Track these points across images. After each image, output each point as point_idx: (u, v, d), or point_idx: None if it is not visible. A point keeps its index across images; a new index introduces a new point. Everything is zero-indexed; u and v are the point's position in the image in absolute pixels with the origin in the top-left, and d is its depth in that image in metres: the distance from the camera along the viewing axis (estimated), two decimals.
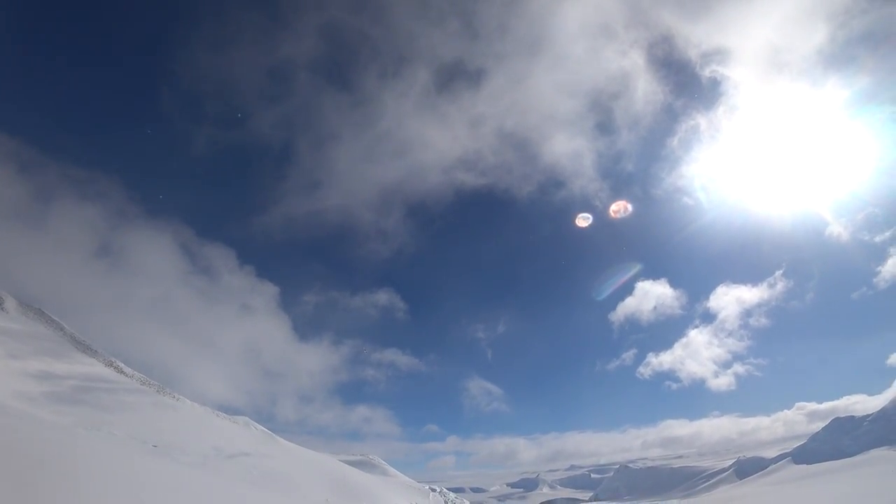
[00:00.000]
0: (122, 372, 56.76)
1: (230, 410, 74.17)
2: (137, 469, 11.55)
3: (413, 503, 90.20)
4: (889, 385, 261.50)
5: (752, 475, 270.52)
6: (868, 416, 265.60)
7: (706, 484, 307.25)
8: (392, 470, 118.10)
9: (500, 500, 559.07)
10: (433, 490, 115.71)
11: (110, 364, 57.11)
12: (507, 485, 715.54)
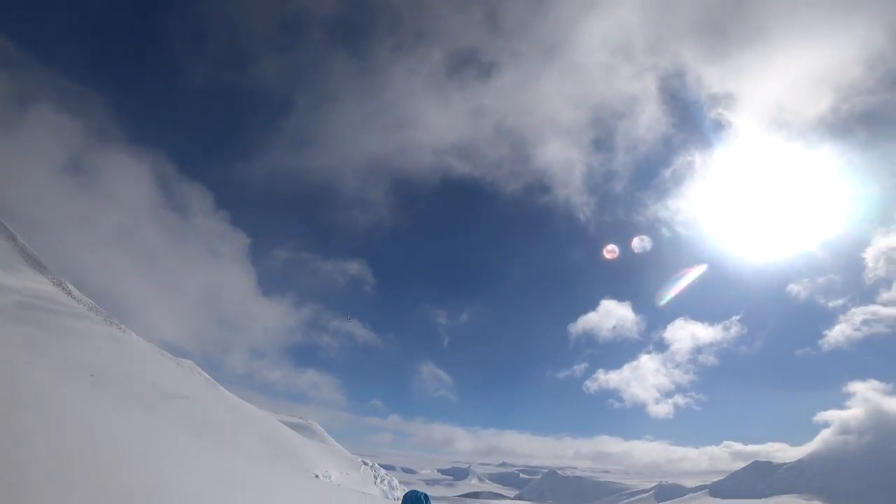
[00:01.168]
0: (70, 294, 55.47)
1: (177, 352, 73.32)
2: (67, 399, 11.77)
3: (343, 473, 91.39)
4: (810, 440, 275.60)
5: (669, 500, 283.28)
6: (785, 464, 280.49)
7: (626, 501, 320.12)
8: (329, 438, 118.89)
9: (427, 484, 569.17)
10: (365, 463, 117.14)
11: (59, 284, 55.73)
12: (438, 470, 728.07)
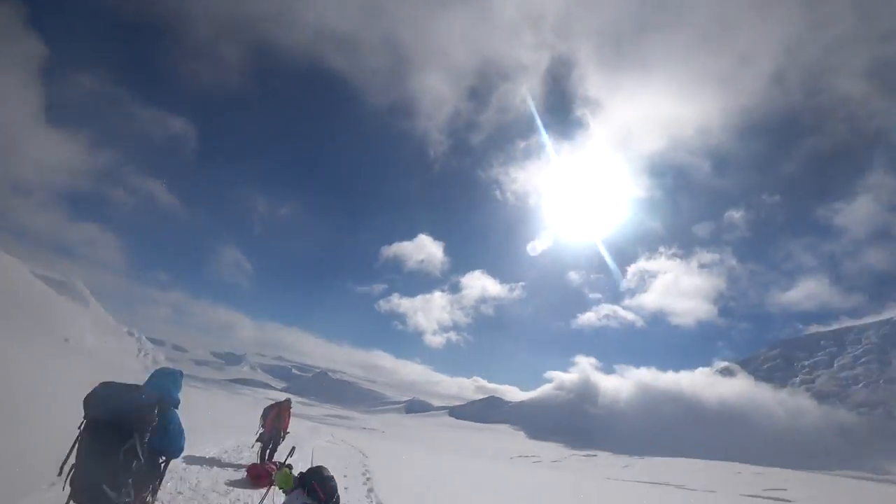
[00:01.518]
0: None
1: None
2: None
3: (102, 340, 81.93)
4: (535, 388, 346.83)
5: (416, 413, 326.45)
6: (511, 402, 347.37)
7: (381, 408, 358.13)
8: (92, 299, 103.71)
9: (196, 364, 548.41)
10: (130, 334, 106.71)
11: None
12: (212, 353, 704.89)
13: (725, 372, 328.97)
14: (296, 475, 5.58)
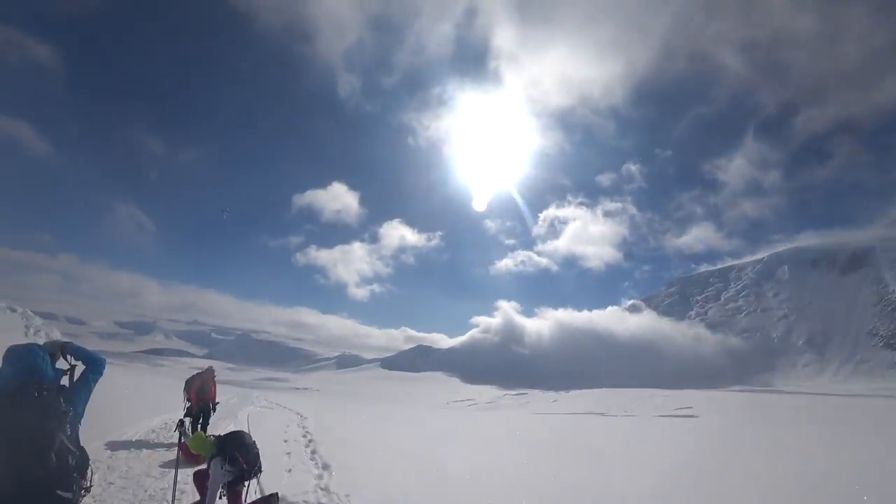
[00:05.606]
0: None
1: None
2: None
3: None
4: (463, 334, 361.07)
5: (348, 367, 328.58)
6: (440, 349, 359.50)
7: (312, 366, 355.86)
8: None
9: (101, 337, 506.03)
10: (12, 310, 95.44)
11: None
12: (116, 323, 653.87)
13: (633, 309, 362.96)
14: (212, 439, 5.23)
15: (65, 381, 3.22)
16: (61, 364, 3.31)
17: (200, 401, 10.23)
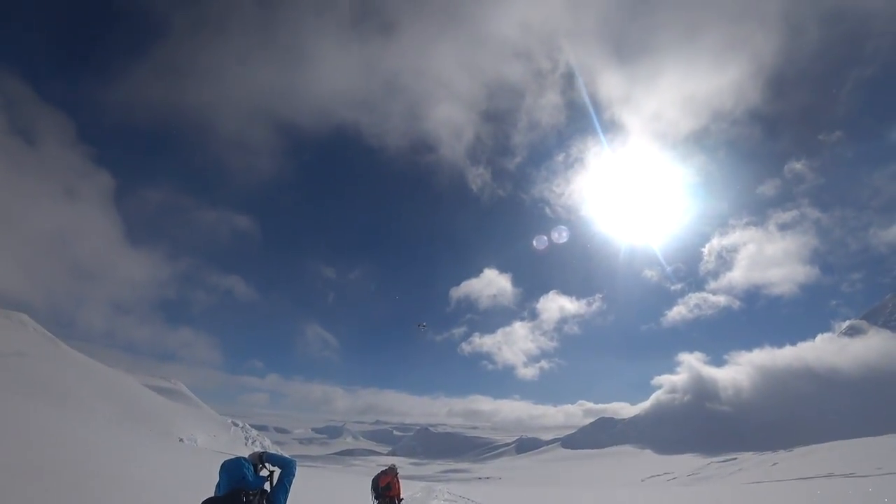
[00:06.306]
0: None
1: (9, 303, 63.27)
2: None
3: (211, 435, 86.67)
4: (646, 399, 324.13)
5: (528, 451, 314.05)
6: (624, 419, 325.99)
7: (491, 454, 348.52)
8: (196, 399, 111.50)
9: (301, 443, 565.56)
10: (235, 425, 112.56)
11: None
12: (312, 429, 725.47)
13: (852, 331, 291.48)
14: None
15: (267, 485, 3.78)
16: (263, 472, 3.93)
17: (386, 497, 10.30)
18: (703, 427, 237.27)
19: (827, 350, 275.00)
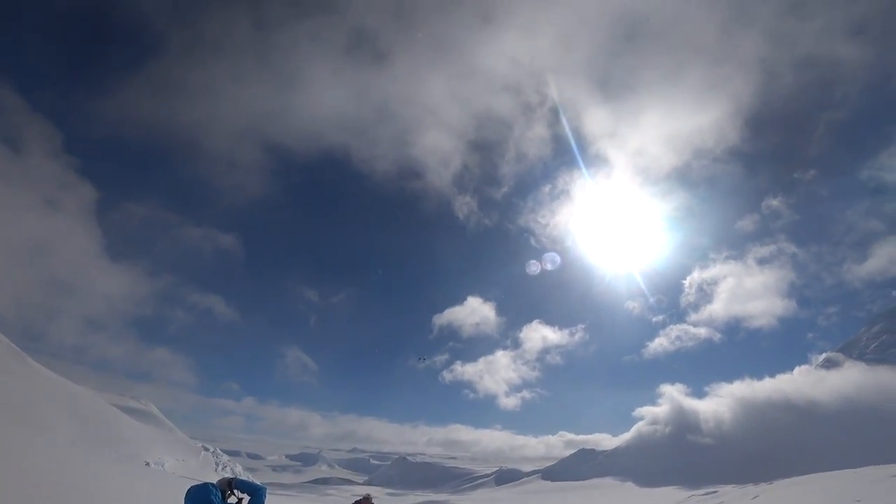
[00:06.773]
0: None
1: None
2: None
3: (179, 460, 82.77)
4: (627, 430, 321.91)
5: (508, 483, 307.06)
6: (605, 451, 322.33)
7: (470, 485, 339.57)
8: (167, 421, 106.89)
9: (274, 470, 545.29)
10: (206, 449, 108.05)
11: None
12: (287, 456, 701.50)
13: (828, 364, 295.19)
14: None
15: None
16: (232, 499, 3.95)
17: None
18: (684, 459, 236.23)
19: (805, 382, 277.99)
